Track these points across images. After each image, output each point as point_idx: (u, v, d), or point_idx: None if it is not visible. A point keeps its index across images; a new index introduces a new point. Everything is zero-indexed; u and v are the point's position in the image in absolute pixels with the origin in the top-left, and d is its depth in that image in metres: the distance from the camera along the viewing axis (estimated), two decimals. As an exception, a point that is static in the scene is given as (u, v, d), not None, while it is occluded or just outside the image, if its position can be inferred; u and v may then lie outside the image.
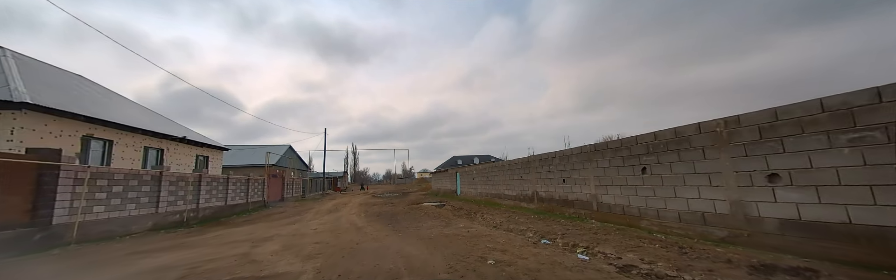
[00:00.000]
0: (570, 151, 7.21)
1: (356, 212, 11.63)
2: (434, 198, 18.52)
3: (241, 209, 14.82)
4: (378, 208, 12.74)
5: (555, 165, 7.77)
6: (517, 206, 9.69)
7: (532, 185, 8.99)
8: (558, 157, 7.68)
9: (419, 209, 11.22)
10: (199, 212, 11.39)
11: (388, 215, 9.78)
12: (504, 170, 11.37)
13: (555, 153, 7.92)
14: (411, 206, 12.91)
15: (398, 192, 34.10)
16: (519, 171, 10.02)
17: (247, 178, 16.08)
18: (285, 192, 23.40)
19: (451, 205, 12.56)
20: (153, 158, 12.15)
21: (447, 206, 12.58)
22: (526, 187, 9.44)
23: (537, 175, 8.65)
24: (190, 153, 14.42)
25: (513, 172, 10.51)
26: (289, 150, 37.19)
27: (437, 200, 15.87)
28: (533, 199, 8.88)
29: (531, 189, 9.02)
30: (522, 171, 9.74)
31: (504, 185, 11.18)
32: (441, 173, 25.12)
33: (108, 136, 9.83)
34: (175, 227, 9.74)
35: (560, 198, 7.50)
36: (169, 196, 9.77)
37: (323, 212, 12.47)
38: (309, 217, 10.69)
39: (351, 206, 15.14)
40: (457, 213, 9.51)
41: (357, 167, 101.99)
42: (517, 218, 7.14)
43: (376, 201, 18.23)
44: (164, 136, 12.20)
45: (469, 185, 15.66)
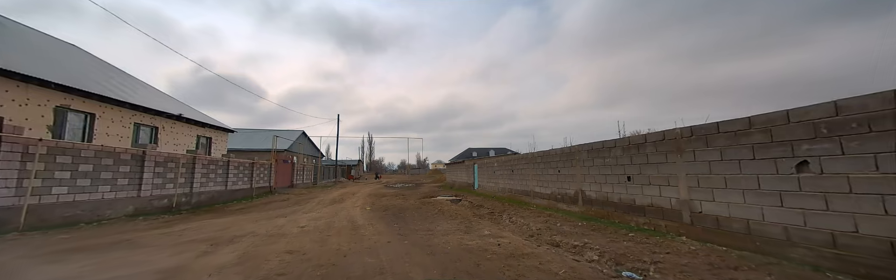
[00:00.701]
0: (641, 139, 5.29)
1: (361, 204, 10.34)
2: (449, 191, 17.12)
3: (243, 195, 13.90)
4: (386, 201, 11.42)
5: (614, 158, 5.88)
6: (552, 208, 8.04)
7: (575, 183, 7.26)
8: (621, 146, 5.76)
9: (432, 204, 9.79)
10: (192, 196, 10.39)
11: (395, 211, 8.40)
12: (534, 162, 9.66)
13: (614, 141, 6.01)
14: (423, 200, 11.51)
15: (411, 183, 33.03)
16: (557, 164, 8.28)
17: (251, 162, 15.10)
18: (295, 178, 22.62)
19: (468, 200, 11.08)
20: (146, 137, 11.17)
21: (464, 201, 11.11)
22: (566, 185, 7.74)
23: (584, 170, 6.91)
24: (190, 133, 13.45)
25: (547, 166, 8.78)
26: (302, 135, 36.54)
27: (452, 194, 14.44)
28: (576, 200, 7.18)
29: (574, 187, 7.33)
30: (562, 165, 8.01)
31: (534, 181, 9.49)
32: (456, 165, 23.55)
33: (88, 109, 8.78)
34: (161, 212, 8.73)
35: (621, 201, 5.64)
36: (154, 178, 8.71)
37: (326, 202, 11.28)
38: (307, 208, 9.46)
39: (358, 196, 13.94)
40: (477, 211, 8.01)
41: (372, 156, 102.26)
42: (559, 225, 5.52)
43: (387, 192, 17.02)
44: (157, 112, 11.16)
45: (488, 179, 14.03)
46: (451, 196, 13.31)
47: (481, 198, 11.71)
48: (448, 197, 12.86)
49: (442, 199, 11.65)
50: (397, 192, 16.66)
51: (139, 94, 11.78)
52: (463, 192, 15.15)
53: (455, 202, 11.39)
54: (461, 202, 10.85)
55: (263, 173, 16.57)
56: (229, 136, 33.67)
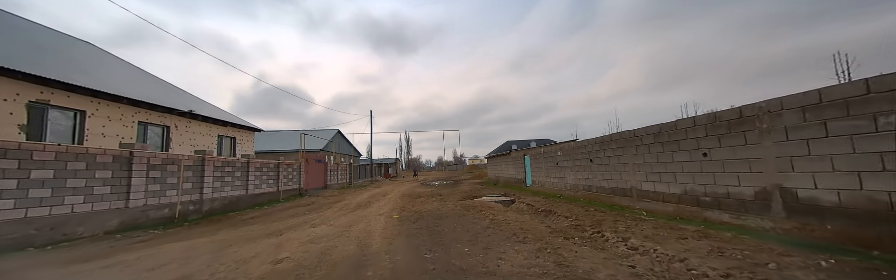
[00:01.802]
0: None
1: (389, 209, 8.32)
2: (494, 189, 14.69)
3: (268, 198, 12.63)
4: (420, 204, 9.33)
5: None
6: (693, 219, 5.17)
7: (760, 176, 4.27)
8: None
9: (478, 209, 7.45)
10: (203, 204, 9.07)
11: (430, 221, 6.21)
12: (632, 145, 6.67)
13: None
14: (465, 203, 9.23)
15: (448, 180, 31.03)
16: (689, 144, 5.34)
17: (277, 162, 13.85)
18: (328, 178, 21.52)
19: (525, 202, 8.61)
20: (156, 137, 10.09)
21: (519, 203, 8.67)
22: (725, 178, 4.74)
23: (776, 150, 4.06)
24: (209, 133, 12.38)
25: (664, 148, 5.84)
26: (337, 134, 36.05)
27: (500, 193, 12.00)
28: (766, 207, 4.21)
29: (754, 183, 4.34)
30: (703, 143, 5.07)
31: (634, 174, 6.66)
32: (499, 158, 20.79)
33: (75, 105, 7.61)
34: (159, 224, 7.38)
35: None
36: (149, 184, 7.35)
37: (350, 206, 9.44)
38: (323, 216, 7.62)
39: (389, 198, 12.04)
40: (552, 223, 5.51)
41: (410, 154, 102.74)
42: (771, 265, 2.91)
43: (422, 192, 15.02)
44: (167, 109, 10.01)
45: (547, 173, 11.34)
46: (498, 196, 10.89)
47: (542, 198, 9.13)
48: (496, 197, 10.46)
49: (489, 202, 9.28)
50: (434, 192, 14.59)
51: (144, 88, 10.73)
52: (512, 191, 12.66)
53: (507, 205, 8.98)
54: (516, 205, 8.42)
55: (292, 174, 15.35)
56: (263, 137, 33.92)
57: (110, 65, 11.55)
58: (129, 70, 12.52)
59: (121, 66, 12.38)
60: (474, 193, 12.67)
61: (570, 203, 7.72)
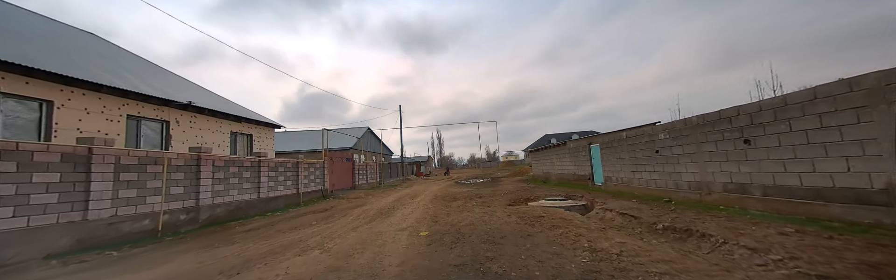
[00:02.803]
0: None
1: (416, 219, 6.23)
2: (547, 188, 12.16)
3: (285, 202, 11.12)
4: (458, 211, 7.18)
5: None
6: None
7: None
8: None
9: (547, 222, 5.02)
10: (200, 212, 7.55)
11: (477, 245, 3.93)
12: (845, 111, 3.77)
13: None
14: (520, 209, 6.86)
15: (485, 178, 28.65)
16: None
17: (295, 161, 12.35)
18: (357, 178, 20.05)
19: (609, 208, 6.10)
20: (153, 134, 8.78)
21: (603, 210, 6.18)
22: None
23: None
24: (219, 129, 11.07)
25: None
26: (367, 132, 34.95)
27: (561, 194, 9.45)
28: None
29: None
30: None
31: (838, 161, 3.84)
32: (547, 151, 17.82)
33: (38, 94, 6.27)
34: (132, 241, 5.84)
35: None
36: (117, 190, 5.84)
37: (369, 214, 7.47)
38: (331, 230, 5.67)
39: (420, 201, 9.99)
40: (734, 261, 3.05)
41: (442, 152, 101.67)
42: None
43: (457, 192, 12.86)
44: (163, 101, 8.66)
45: (634, 167, 8.46)
46: (561, 198, 8.29)
47: (636, 203, 6.36)
48: (559, 201, 7.91)
49: (553, 207, 6.83)
50: (471, 192, 12.36)
51: (136, 75, 9.40)
52: (576, 190, 10.05)
53: (577, 209, 6.51)
54: (602, 215, 5.93)
55: (315, 175, 13.86)
56: (289, 137, 33.46)
57: (102, 54, 10.49)
58: (125, 56, 11.36)
59: (119, 55, 11.32)
60: (524, 194, 10.25)
61: (707, 213, 4.88)
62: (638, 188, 8.22)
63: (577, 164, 12.45)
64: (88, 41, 10.69)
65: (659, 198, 7.01)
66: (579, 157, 12.18)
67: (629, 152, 8.53)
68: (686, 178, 6.47)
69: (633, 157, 8.36)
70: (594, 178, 10.91)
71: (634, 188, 8.38)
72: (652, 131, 7.59)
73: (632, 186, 8.50)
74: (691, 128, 6.33)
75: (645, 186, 7.93)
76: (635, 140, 8.32)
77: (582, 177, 11.97)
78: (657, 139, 7.38)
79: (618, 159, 9.10)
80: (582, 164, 11.97)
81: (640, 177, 8.10)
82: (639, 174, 8.18)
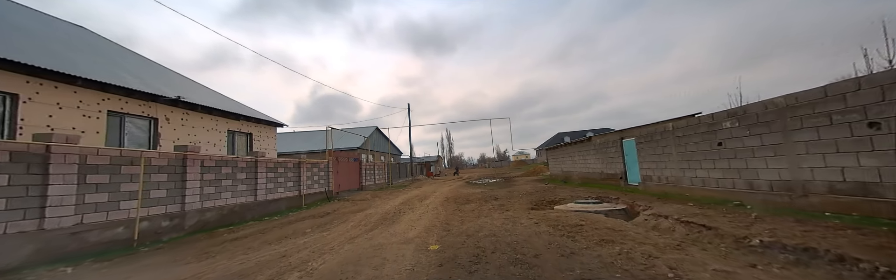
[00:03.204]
0: None
1: (425, 227, 5.31)
2: (570, 189, 11.09)
3: (286, 205, 10.36)
4: (473, 216, 6.25)
5: None
6: None
7: None
8: None
9: (590, 233, 3.99)
10: (186, 217, 6.80)
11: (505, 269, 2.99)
12: None
13: None
14: (547, 215, 5.87)
15: (498, 178, 27.61)
16: None
17: (297, 161, 11.60)
18: (364, 179, 19.28)
19: (659, 213, 5.06)
20: (139, 132, 8.09)
21: (651, 217, 5.15)
22: None
23: None
24: (215, 127, 10.37)
25: None
26: (375, 132, 34.26)
27: (591, 196, 8.38)
28: None
29: None
30: None
31: None
32: (568, 148, 16.46)
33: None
34: (103, 252, 5.10)
35: None
36: (83, 194, 5.10)
37: (372, 220, 6.58)
38: (318, 245, 4.75)
39: (429, 204, 9.08)
40: None
41: (452, 152, 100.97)
42: None
43: (470, 194, 11.92)
44: (150, 96, 7.97)
45: (684, 163, 7.20)
46: (592, 200, 7.17)
47: (695, 208, 5.10)
48: (592, 204, 6.80)
49: (590, 214, 5.81)
50: (486, 193, 11.40)
51: (124, 69, 8.69)
52: (606, 191, 8.95)
53: (617, 215, 5.48)
54: (658, 223, 4.88)
55: (319, 175, 13.11)
56: (295, 137, 32.98)
57: (88, 47, 9.85)
58: (116, 53, 10.65)
59: (109, 49, 10.66)
60: (546, 196, 9.22)
61: (814, 222, 3.67)
62: (690, 189, 6.99)
63: (605, 161, 11.28)
64: (76, 34, 10.13)
65: (724, 201, 5.76)
66: (608, 153, 11.01)
67: (678, 146, 7.30)
68: (766, 176, 5.18)
69: (684, 151, 7.13)
70: (627, 177, 9.76)
71: (685, 189, 7.15)
72: (712, 119, 6.33)
73: (681, 187, 7.27)
74: (776, 112, 4.99)
75: (700, 186, 6.68)
76: (686, 131, 7.05)
77: (611, 176, 10.81)
78: (719, 129, 6.09)
79: (660, 155, 7.91)
80: (611, 161, 10.80)
81: (694, 175, 6.87)
82: (691, 172, 6.94)
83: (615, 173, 10.50)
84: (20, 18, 8.82)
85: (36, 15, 9.67)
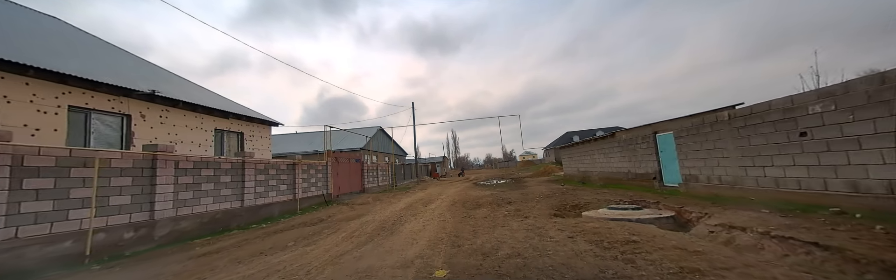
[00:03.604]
0: None
1: (429, 240, 4.33)
2: (589, 191, 10.02)
3: (279, 210, 9.46)
4: (488, 227, 5.26)
5: None
6: None
7: None
8: None
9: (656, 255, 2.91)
10: (155, 227, 5.90)
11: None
12: None
13: None
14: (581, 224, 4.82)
15: (506, 179, 26.52)
16: None
17: (292, 163, 10.72)
18: (366, 180, 18.37)
19: (731, 224, 3.95)
20: (109, 130, 7.24)
21: (728, 228, 4.06)
22: None
23: None
24: (200, 126, 9.52)
25: None
26: (379, 132, 33.39)
27: (624, 200, 7.30)
28: None
29: None
30: None
31: None
32: (586, 145, 15.02)
33: (-77, 76, 4.74)
34: (41, 270, 4.21)
35: None
36: (11, 203, 4.20)
37: (368, 229, 5.60)
38: (294, 267, 3.80)
39: (435, 208, 8.09)
40: None
41: (458, 153, 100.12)
42: None
43: (480, 196, 10.94)
44: (121, 90, 7.12)
45: (735, 162, 6.16)
46: (630, 205, 6.09)
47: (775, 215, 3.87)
48: (631, 210, 5.72)
49: (632, 223, 4.75)
50: (497, 196, 10.38)
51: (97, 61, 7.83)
52: (639, 193, 7.85)
53: (664, 224, 4.43)
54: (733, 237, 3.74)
55: (317, 177, 12.22)
56: (294, 138, 32.21)
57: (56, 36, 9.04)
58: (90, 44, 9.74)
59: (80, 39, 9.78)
60: (568, 199, 8.16)
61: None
62: (755, 190, 5.71)
63: (634, 159, 10.09)
64: (46, 23, 9.35)
65: (811, 206, 4.57)
66: (637, 150, 9.83)
67: (737, 139, 6.04)
68: (882, 175, 3.99)
69: (746, 145, 5.85)
70: (663, 176, 8.58)
71: (747, 190, 5.88)
72: (791, 103, 5.00)
73: (741, 188, 6.01)
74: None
75: (771, 188, 5.41)
76: (750, 120, 5.71)
77: (642, 176, 9.62)
78: (803, 115, 4.80)
79: (710, 150, 6.70)
80: (642, 159, 9.60)
81: (760, 174, 5.60)
82: (756, 170, 5.68)
83: (646, 173, 9.34)
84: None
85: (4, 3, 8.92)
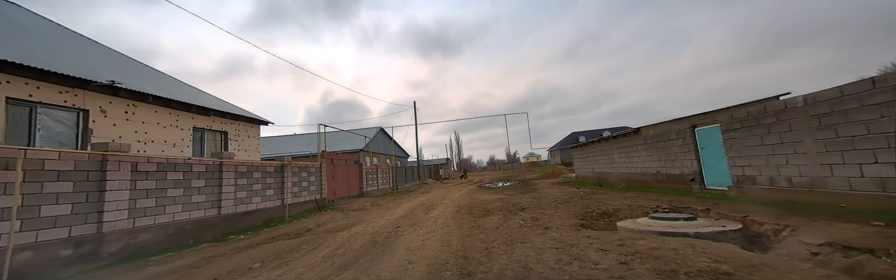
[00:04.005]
0: None
1: (429, 266, 3.30)
2: (612, 194, 8.91)
3: (266, 217, 8.44)
4: (504, 243, 4.25)
5: None
6: None
7: None
8: None
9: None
10: (104, 242, 4.91)
11: None
12: None
13: None
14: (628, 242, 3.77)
15: (512, 181, 25.40)
16: None
17: (280, 164, 9.71)
18: (365, 183, 17.34)
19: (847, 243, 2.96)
20: (62, 127, 6.27)
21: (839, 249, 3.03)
22: None
23: None
24: (176, 123, 8.54)
25: None
26: (380, 133, 32.41)
27: (662, 207, 6.19)
28: None
29: None
30: None
31: None
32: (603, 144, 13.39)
33: None
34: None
35: None
36: None
37: (357, 245, 4.54)
38: None
39: (438, 215, 7.03)
40: None
41: (461, 155, 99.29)
42: None
43: (488, 200, 9.89)
44: (75, 81, 6.16)
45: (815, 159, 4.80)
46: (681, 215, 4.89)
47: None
48: (682, 221, 4.62)
49: (695, 239, 3.68)
50: (506, 201, 9.32)
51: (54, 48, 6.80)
52: (675, 197, 6.74)
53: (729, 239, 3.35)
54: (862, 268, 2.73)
55: (308, 181, 11.20)
56: (290, 140, 31.20)
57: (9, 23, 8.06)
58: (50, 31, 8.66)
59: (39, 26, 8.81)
60: (591, 205, 7.06)
61: None
62: (844, 195, 4.46)
63: (664, 158, 8.91)
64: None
65: None
66: (669, 148, 8.67)
67: (817, 130, 4.75)
68: None
69: (831, 138, 4.61)
70: (705, 178, 7.46)
71: (832, 195, 4.61)
72: None
73: (823, 192, 4.74)
74: None
75: (874, 192, 4.16)
76: (842, 105, 4.43)
77: (675, 177, 8.42)
78: None
79: (776, 145, 5.47)
80: (675, 157, 8.37)
81: (855, 173, 4.34)
82: (847, 169, 4.43)
83: (681, 174, 8.15)
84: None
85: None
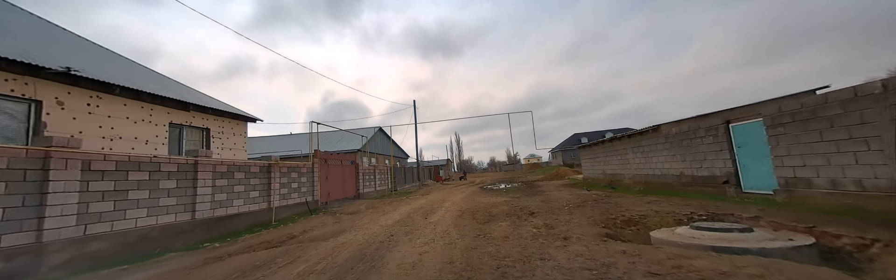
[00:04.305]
0: None
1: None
2: (630, 198, 8.11)
3: (249, 222, 7.64)
4: (521, 260, 3.50)
5: None
6: None
7: None
8: None
9: None
10: (44, 253, 4.11)
11: None
12: None
13: None
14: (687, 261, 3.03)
15: (514, 182, 24.62)
16: None
17: (266, 164, 8.91)
18: (362, 185, 16.52)
19: None
20: (7, 120, 5.48)
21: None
22: None
23: None
24: (148, 118, 7.75)
25: None
26: (378, 132, 31.60)
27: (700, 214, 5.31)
28: None
29: None
30: None
31: None
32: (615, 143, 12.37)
33: None
34: None
35: None
36: None
37: (341, 259, 3.75)
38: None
39: (438, 221, 6.24)
40: None
41: (461, 156, 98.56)
42: None
43: (493, 203, 9.12)
44: (26, 67, 5.39)
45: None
46: (735, 226, 4.03)
47: None
48: (737, 232, 3.72)
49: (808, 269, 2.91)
50: (512, 204, 8.54)
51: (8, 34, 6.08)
52: (707, 202, 5.93)
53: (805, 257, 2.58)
54: None
55: (299, 182, 10.40)
56: (285, 140, 30.38)
57: None
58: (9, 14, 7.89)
59: None
60: (612, 211, 6.25)
61: None
62: None
63: (690, 158, 8.15)
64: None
65: None
66: (696, 146, 7.88)
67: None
68: None
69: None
70: (742, 180, 6.63)
71: None
72: None
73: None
74: None
75: None
76: None
77: (704, 179, 7.63)
78: None
79: (839, 142, 4.61)
80: (705, 157, 7.44)
81: None
82: None
83: (712, 176, 7.26)
84: None
85: None
